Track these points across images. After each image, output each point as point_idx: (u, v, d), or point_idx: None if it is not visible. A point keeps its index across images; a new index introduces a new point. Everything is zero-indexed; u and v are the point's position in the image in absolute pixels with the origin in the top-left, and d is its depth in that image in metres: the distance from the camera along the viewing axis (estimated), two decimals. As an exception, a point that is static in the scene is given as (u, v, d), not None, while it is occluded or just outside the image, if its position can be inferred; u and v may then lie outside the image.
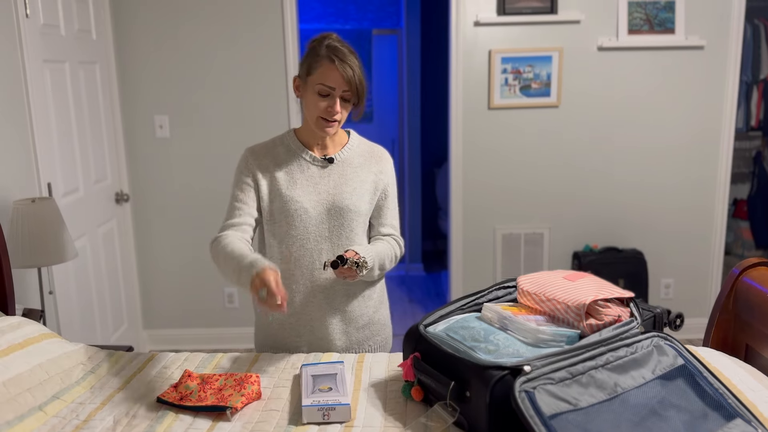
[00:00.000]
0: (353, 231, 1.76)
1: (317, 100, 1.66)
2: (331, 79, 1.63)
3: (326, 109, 1.66)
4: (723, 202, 3.68)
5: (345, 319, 1.81)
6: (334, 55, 1.63)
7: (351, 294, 1.80)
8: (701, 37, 3.49)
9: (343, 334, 1.81)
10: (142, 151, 3.59)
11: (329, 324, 1.79)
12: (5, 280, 2.05)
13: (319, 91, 1.65)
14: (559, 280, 1.49)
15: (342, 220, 1.74)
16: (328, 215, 1.73)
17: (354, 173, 1.78)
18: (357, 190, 1.76)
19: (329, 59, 1.63)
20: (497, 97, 3.54)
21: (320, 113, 1.67)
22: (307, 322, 1.79)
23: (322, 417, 1.35)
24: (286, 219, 1.73)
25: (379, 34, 5.18)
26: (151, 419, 1.38)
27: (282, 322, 1.81)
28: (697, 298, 3.80)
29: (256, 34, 3.48)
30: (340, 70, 1.62)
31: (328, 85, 1.64)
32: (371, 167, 1.81)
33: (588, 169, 3.65)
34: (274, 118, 3.57)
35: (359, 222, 1.77)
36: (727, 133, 3.60)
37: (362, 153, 1.82)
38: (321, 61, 1.64)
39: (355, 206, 1.75)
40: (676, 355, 1.34)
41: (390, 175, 1.84)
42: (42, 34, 2.69)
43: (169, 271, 3.75)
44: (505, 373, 1.20)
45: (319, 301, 1.78)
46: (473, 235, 3.72)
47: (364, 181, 1.78)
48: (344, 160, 1.78)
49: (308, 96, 1.68)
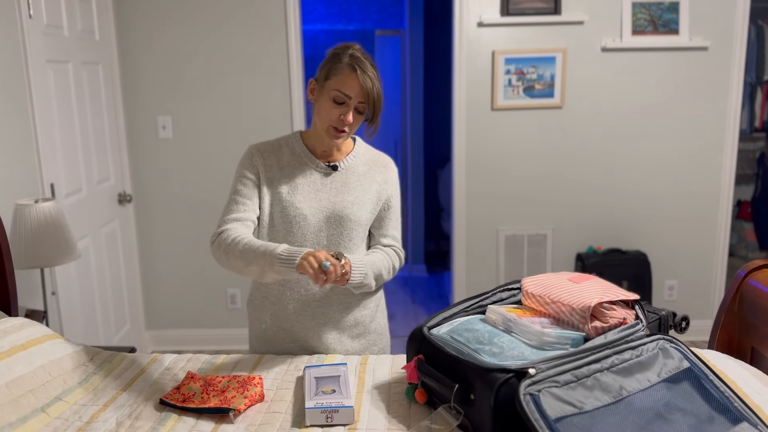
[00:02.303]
0: (352, 240, 1.73)
1: (331, 107, 1.62)
2: (348, 87, 1.60)
3: (339, 117, 1.62)
4: (727, 203, 3.67)
5: (340, 328, 1.77)
6: (357, 64, 1.60)
7: (346, 303, 1.77)
8: (705, 38, 3.48)
9: (338, 344, 1.78)
10: (144, 152, 3.59)
11: (324, 333, 1.76)
12: (8, 281, 2.04)
13: (335, 98, 1.61)
14: (563, 282, 1.48)
15: (341, 228, 1.71)
16: (327, 223, 1.70)
17: (357, 182, 1.75)
18: (359, 199, 1.73)
19: (351, 67, 1.60)
20: (500, 98, 3.53)
21: (332, 122, 1.63)
22: (301, 330, 1.76)
23: (326, 419, 1.34)
24: (285, 224, 1.70)
25: (382, 34, 5.18)
26: (154, 421, 1.38)
27: (276, 329, 1.78)
28: (700, 300, 3.79)
29: (259, 35, 3.48)
30: (360, 80, 1.59)
31: (345, 93, 1.60)
32: (375, 176, 1.77)
33: (591, 170, 3.64)
34: (276, 119, 3.57)
35: (359, 231, 1.74)
36: (731, 135, 3.59)
37: (367, 161, 1.79)
38: (342, 69, 1.60)
39: (356, 216, 1.71)
40: (681, 358, 1.33)
41: (394, 185, 1.81)
42: (45, 35, 2.69)
43: (172, 272, 3.75)
44: (510, 376, 1.19)
45: (313, 309, 1.75)
46: (476, 236, 3.72)
47: (367, 190, 1.75)
48: (348, 167, 1.75)
49: (322, 101, 1.64)
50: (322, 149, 1.75)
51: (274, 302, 1.77)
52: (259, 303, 1.80)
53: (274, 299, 1.76)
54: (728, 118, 3.58)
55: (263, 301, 1.79)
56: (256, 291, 1.81)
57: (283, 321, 1.77)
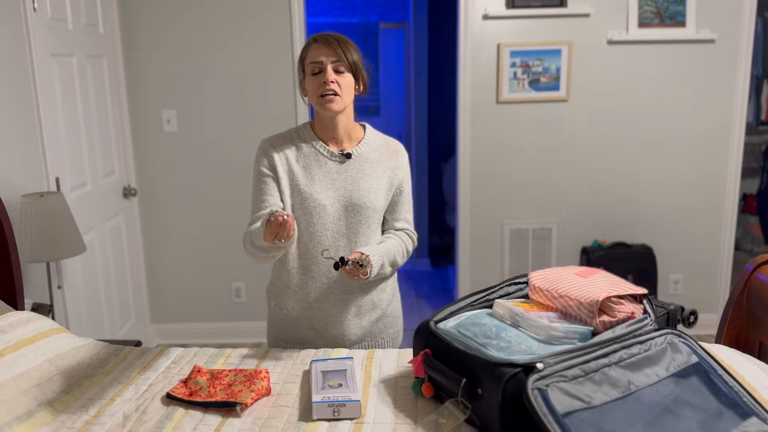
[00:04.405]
0: (369, 227, 1.77)
1: (312, 80, 1.69)
2: (315, 54, 1.67)
3: (320, 83, 1.67)
4: (733, 197, 3.65)
5: (360, 313, 1.81)
6: (318, 36, 1.70)
7: (366, 287, 1.81)
8: (712, 30, 3.46)
9: (357, 328, 1.82)
10: (149, 145, 3.59)
11: (344, 318, 1.80)
12: (14, 275, 2.05)
13: (311, 70, 1.68)
14: (571, 276, 1.47)
15: (360, 216, 1.74)
16: (345, 212, 1.73)
17: (371, 169, 1.77)
18: (374, 186, 1.76)
19: (314, 40, 1.70)
20: (506, 91, 3.51)
21: (317, 91, 1.68)
22: (322, 317, 1.80)
23: (333, 413, 1.34)
24: (305, 215, 1.73)
25: (387, 27, 5.16)
26: (160, 415, 1.38)
27: (297, 316, 1.81)
28: (706, 294, 3.78)
29: (264, 28, 3.47)
30: (322, 43, 1.67)
31: (315, 61, 1.67)
32: (387, 162, 1.80)
33: (597, 163, 3.62)
34: (281, 112, 3.56)
35: (375, 219, 1.78)
36: (737, 128, 3.57)
37: (378, 148, 1.81)
38: (307, 46, 1.72)
39: (372, 203, 1.75)
40: (690, 353, 1.32)
41: (405, 170, 1.84)
42: (49, 28, 2.69)
43: (177, 266, 3.75)
44: (518, 371, 1.19)
45: (335, 297, 1.78)
46: (481, 230, 3.71)
47: (380, 177, 1.78)
48: (361, 155, 1.78)
49: (306, 83, 1.71)
50: (332, 136, 1.76)
51: (296, 291, 1.79)
52: (281, 292, 1.82)
53: (295, 288, 1.79)
54: (735, 110, 3.56)
55: (284, 289, 1.81)
56: (278, 280, 1.83)
57: (305, 309, 1.80)
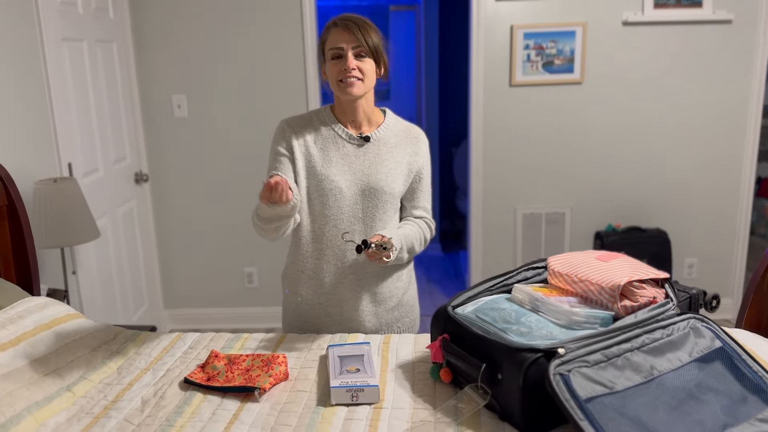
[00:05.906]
0: (386, 213, 1.75)
1: (332, 65, 1.66)
2: (336, 40, 1.65)
3: (341, 70, 1.65)
4: (749, 180, 3.60)
5: (375, 300, 1.80)
6: (337, 20, 1.67)
7: (381, 275, 1.79)
8: (729, 11, 3.39)
9: (373, 316, 1.80)
10: (160, 130, 3.58)
11: (359, 305, 1.78)
12: (30, 260, 2.05)
13: (332, 55, 1.66)
14: (591, 260, 1.45)
15: (376, 201, 1.72)
16: (362, 196, 1.72)
17: (389, 153, 1.75)
18: (392, 171, 1.74)
19: (334, 24, 1.67)
20: (519, 73, 3.47)
21: (337, 76, 1.66)
22: (337, 302, 1.78)
23: (351, 398, 1.34)
24: (321, 198, 1.72)
25: (397, 10, 5.10)
26: (179, 400, 1.38)
27: (312, 302, 1.80)
28: (721, 278, 3.74)
29: (274, 11, 3.43)
30: (342, 28, 1.64)
31: (336, 46, 1.64)
32: (407, 148, 1.78)
33: (611, 147, 3.58)
34: (291, 96, 3.54)
35: (393, 204, 1.76)
36: (754, 110, 3.51)
37: (398, 132, 1.79)
38: (328, 30, 1.68)
39: (390, 188, 1.73)
40: (713, 338, 1.31)
41: (425, 156, 1.81)
42: (60, 12, 2.67)
43: (189, 251, 3.75)
44: (539, 356, 1.18)
45: (349, 282, 1.77)
46: (493, 214, 3.68)
47: (399, 162, 1.76)
48: (380, 139, 1.76)
49: (327, 68, 1.69)
50: (351, 119, 1.75)
51: (310, 276, 1.78)
52: (295, 277, 1.81)
53: (310, 273, 1.78)
54: (752, 93, 3.50)
55: (299, 275, 1.80)
56: (293, 265, 1.82)
57: (319, 295, 1.79)
